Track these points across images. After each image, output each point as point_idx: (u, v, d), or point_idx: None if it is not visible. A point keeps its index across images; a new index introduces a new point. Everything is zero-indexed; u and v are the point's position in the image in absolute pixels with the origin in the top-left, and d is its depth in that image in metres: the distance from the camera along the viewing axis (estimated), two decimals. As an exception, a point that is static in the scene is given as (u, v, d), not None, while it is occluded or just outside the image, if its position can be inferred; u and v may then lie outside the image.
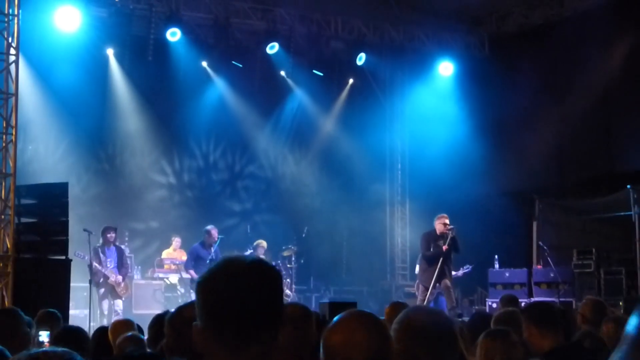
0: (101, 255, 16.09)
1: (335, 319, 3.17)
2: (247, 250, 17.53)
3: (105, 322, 15.21)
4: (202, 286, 2.60)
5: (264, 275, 2.59)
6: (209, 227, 17.36)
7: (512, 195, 20.07)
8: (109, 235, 16.33)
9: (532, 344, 5.83)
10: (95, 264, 15.89)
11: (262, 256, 17.88)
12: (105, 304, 16.14)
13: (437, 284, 15.79)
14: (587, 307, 7.73)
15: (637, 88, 18.68)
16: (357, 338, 3.07)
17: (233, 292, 2.53)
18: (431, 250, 16.01)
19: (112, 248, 16.38)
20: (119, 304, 16.20)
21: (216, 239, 17.19)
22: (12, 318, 6.16)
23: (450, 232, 15.88)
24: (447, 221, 16.05)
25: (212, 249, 17.05)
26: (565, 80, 19.53)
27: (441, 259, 15.69)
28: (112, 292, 16.14)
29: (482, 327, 6.11)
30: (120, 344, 6.43)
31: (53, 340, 6.63)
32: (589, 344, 6.37)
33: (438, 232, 16.07)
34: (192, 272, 16.91)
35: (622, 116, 19.30)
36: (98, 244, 16.24)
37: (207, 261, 16.65)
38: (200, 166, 21.33)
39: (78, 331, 6.86)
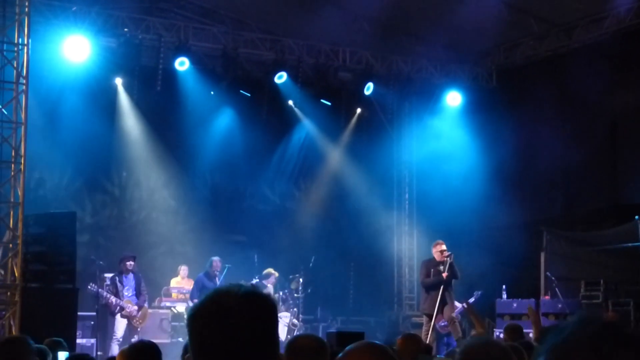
0: (118, 284, 16.11)
1: (346, 349, 3.16)
2: (253, 279, 17.55)
3: (116, 350, 15.20)
4: (193, 320, 2.48)
5: (257, 307, 2.45)
6: (213, 257, 17.40)
7: (520, 226, 19.99)
8: (127, 263, 16.38)
9: None
10: (110, 296, 15.90)
11: (270, 285, 17.96)
12: (121, 330, 16.13)
13: (441, 314, 15.66)
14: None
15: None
16: (368, 369, 3.06)
17: (225, 326, 2.40)
18: (431, 277, 15.90)
19: (130, 275, 16.41)
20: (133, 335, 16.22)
21: (219, 269, 17.22)
22: (22, 346, 6.17)
23: (448, 258, 15.76)
24: (444, 247, 15.91)
25: (217, 279, 17.08)
26: (572, 111, 19.54)
27: (442, 287, 15.59)
28: (128, 324, 16.17)
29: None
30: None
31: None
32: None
33: (437, 259, 15.96)
34: (196, 301, 16.89)
35: (629, 148, 19.29)
36: (115, 272, 16.31)
37: (212, 291, 16.68)
38: (207, 195, 21.36)
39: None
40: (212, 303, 2.48)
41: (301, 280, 18.99)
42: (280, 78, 19.71)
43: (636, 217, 17.20)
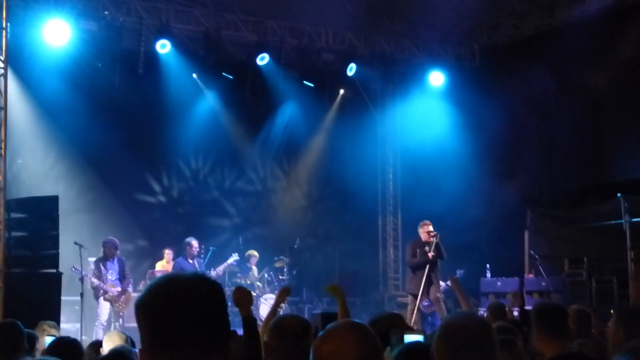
0: (102, 268, 16.12)
1: (327, 327, 3.15)
2: (230, 257, 17.67)
3: (101, 334, 15.20)
4: (143, 307, 2.47)
5: (206, 291, 2.46)
6: (188, 238, 17.44)
7: (504, 205, 20.06)
8: (110, 248, 16.34)
9: (538, 348, 5.74)
10: (94, 279, 15.93)
11: (253, 266, 18.08)
12: (105, 315, 16.15)
13: (426, 294, 15.74)
14: (571, 317, 7.35)
15: (626, 98, 18.73)
16: (347, 348, 3.06)
17: (175, 310, 2.41)
18: (417, 257, 16.00)
19: (114, 260, 16.40)
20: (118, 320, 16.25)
21: (197, 250, 17.29)
22: (14, 331, 6.19)
23: (434, 238, 15.86)
24: (431, 228, 16.03)
25: (196, 261, 17.16)
26: (556, 90, 19.55)
27: (428, 267, 15.67)
28: (111, 308, 16.19)
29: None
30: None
31: (47, 351, 6.60)
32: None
33: (423, 239, 16.06)
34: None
35: (612, 126, 19.33)
36: (98, 257, 16.33)
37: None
38: (190, 179, 21.29)
39: (73, 343, 6.82)
40: (161, 288, 2.48)
41: (286, 262, 19.03)
42: (263, 60, 19.63)
43: (618, 194, 17.26)
